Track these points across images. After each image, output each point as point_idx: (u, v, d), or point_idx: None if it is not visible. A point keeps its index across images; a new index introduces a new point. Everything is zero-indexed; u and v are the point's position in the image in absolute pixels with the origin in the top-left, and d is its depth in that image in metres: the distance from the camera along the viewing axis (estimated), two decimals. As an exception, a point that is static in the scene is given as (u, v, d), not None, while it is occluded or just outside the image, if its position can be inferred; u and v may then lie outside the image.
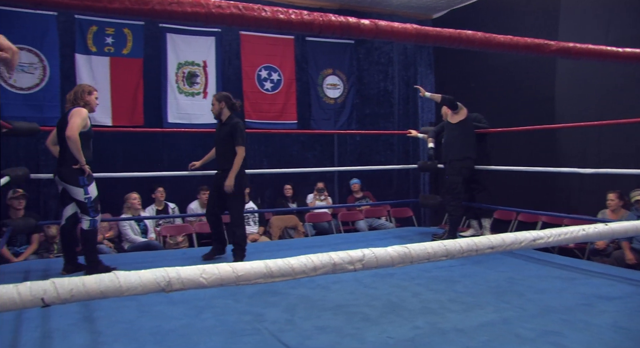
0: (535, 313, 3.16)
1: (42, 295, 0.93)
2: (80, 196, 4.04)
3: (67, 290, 0.95)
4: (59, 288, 0.94)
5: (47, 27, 6.29)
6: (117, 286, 0.98)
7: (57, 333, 2.87)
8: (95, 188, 4.13)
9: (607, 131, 5.63)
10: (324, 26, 1.12)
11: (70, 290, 0.95)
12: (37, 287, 0.94)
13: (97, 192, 4.15)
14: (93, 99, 4.20)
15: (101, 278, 0.99)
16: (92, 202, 4.08)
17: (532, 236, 1.49)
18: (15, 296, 0.91)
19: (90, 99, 4.17)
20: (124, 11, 0.96)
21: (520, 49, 1.39)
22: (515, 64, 6.81)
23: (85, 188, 4.04)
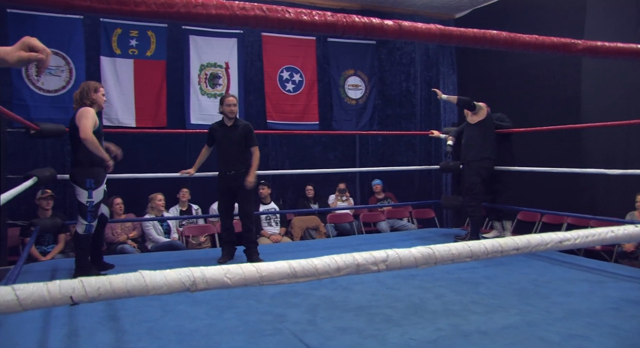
0: (560, 317, 3.10)
1: (70, 293, 0.95)
2: (83, 198, 3.98)
3: (94, 288, 0.97)
4: (87, 286, 0.96)
5: (74, 30, 6.42)
6: (143, 286, 1.00)
7: (83, 331, 2.92)
8: (100, 193, 4.05)
9: (635, 130, 5.50)
10: (348, 27, 1.12)
11: (97, 288, 0.97)
12: (66, 286, 0.96)
13: (102, 197, 4.10)
14: (100, 96, 4.09)
15: (128, 277, 1.01)
16: (93, 207, 3.99)
17: (559, 237, 1.46)
18: (45, 294, 0.93)
19: (97, 96, 4.06)
20: (150, 14, 0.97)
21: (547, 48, 1.36)
22: (540, 63, 6.71)
23: (90, 191, 3.97)
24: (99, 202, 4.04)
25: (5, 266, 4.30)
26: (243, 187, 4.67)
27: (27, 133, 4.38)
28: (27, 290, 0.93)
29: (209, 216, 6.57)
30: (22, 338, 2.80)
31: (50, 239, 5.49)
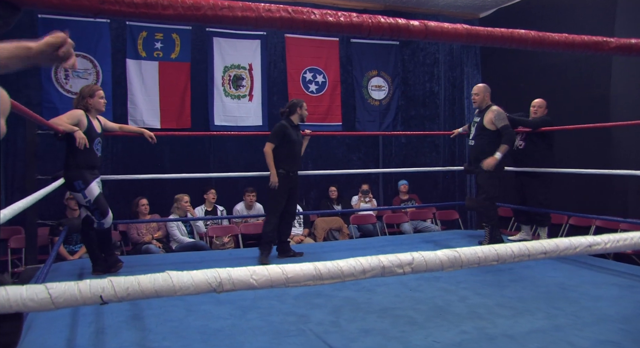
0: (590, 322, 3.04)
1: (100, 293, 0.96)
2: (82, 200, 4.01)
3: (123, 288, 0.98)
4: (116, 286, 0.98)
5: (101, 34, 6.55)
6: (170, 286, 1.01)
7: (109, 329, 2.96)
8: (94, 190, 4.01)
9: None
10: (374, 28, 1.11)
11: (126, 288, 0.98)
12: (96, 285, 0.97)
13: (100, 190, 4.07)
14: (96, 100, 4.10)
15: (155, 277, 1.02)
16: (93, 204, 3.98)
17: (588, 241, 1.43)
18: (76, 293, 0.95)
19: (93, 101, 4.08)
20: (177, 17, 0.98)
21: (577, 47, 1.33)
22: (567, 62, 6.59)
23: (82, 191, 3.96)
24: (98, 197, 4.01)
25: (35, 265, 4.39)
26: (297, 187, 4.90)
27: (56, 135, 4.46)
28: (60, 289, 0.95)
29: (233, 217, 6.63)
30: (51, 336, 2.86)
31: (78, 238, 5.59)
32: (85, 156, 4.00)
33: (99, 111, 4.17)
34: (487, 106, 4.97)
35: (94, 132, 4.07)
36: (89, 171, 4.01)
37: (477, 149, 4.99)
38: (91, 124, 4.06)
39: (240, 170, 6.45)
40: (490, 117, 4.86)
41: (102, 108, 4.16)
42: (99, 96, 4.11)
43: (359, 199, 7.44)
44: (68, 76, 6.40)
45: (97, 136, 4.10)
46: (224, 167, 6.92)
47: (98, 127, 4.15)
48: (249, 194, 6.65)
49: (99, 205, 4.00)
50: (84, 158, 3.98)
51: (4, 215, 2.07)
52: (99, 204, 4.00)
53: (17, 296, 0.92)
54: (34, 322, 2.99)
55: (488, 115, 4.88)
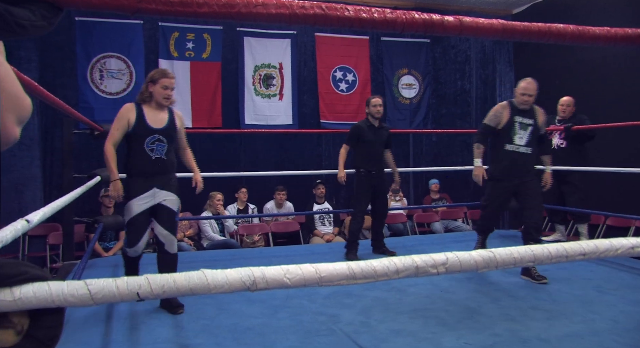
0: (629, 327, 2.94)
1: (137, 290, 0.98)
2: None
3: (159, 285, 0.99)
4: (152, 283, 0.99)
5: (134, 35, 6.67)
6: (204, 284, 1.01)
7: (143, 325, 3.02)
8: (135, 206, 3.18)
9: None
10: (407, 24, 1.10)
11: (162, 285, 0.99)
12: (133, 282, 0.99)
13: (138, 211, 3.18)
14: (158, 89, 3.22)
15: (190, 275, 1.03)
16: (126, 225, 3.25)
17: (630, 243, 1.38)
18: (114, 290, 0.97)
19: (155, 89, 3.23)
20: (212, 15, 0.99)
21: (619, 41, 1.28)
22: (604, 58, 6.41)
23: (125, 205, 3.25)
24: (133, 220, 3.19)
25: (72, 261, 4.50)
26: (383, 186, 4.97)
27: (92, 134, 4.56)
28: (98, 285, 0.97)
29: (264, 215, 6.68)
30: (88, 332, 2.92)
31: (112, 236, 5.71)
32: (135, 159, 3.21)
33: (159, 105, 3.26)
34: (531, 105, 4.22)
35: (146, 128, 3.18)
36: (140, 179, 3.19)
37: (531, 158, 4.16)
38: (142, 119, 3.19)
39: (270, 169, 6.49)
40: (543, 120, 4.19)
41: (162, 101, 3.24)
42: (162, 85, 3.21)
43: (390, 198, 7.39)
44: (103, 77, 6.54)
45: (152, 133, 3.19)
46: (254, 165, 6.96)
47: (157, 122, 3.22)
48: (279, 193, 6.68)
49: (129, 230, 3.23)
50: (134, 162, 3.21)
51: (44, 213, 2.13)
52: (129, 229, 3.23)
53: (58, 291, 0.95)
54: (70, 317, 3.07)
55: (540, 117, 4.18)
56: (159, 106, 3.26)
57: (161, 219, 3.25)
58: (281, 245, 6.24)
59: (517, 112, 4.12)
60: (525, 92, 4.07)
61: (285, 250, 5.64)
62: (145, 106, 3.25)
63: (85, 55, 6.49)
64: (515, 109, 4.12)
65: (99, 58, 6.53)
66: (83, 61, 6.49)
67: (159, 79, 3.22)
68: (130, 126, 3.19)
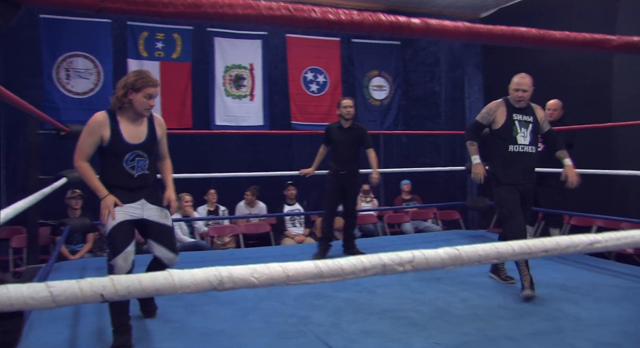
0: (591, 324, 3.03)
1: (101, 291, 0.96)
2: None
3: (124, 286, 0.98)
4: (117, 284, 0.97)
5: (102, 34, 6.56)
6: (171, 284, 1.00)
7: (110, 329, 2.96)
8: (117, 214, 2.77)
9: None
10: (374, 26, 1.11)
11: (127, 286, 0.98)
12: (97, 283, 0.97)
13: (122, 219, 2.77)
14: (139, 99, 2.76)
15: (156, 276, 1.02)
16: (107, 236, 2.79)
17: (589, 239, 1.42)
18: (77, 291, 0.95)
19: (135, 98, 2.75)
20: (177, 15, 0.98)
21: (579, 45, 1.33)
22: (568, 62, 6.58)
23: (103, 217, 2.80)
24: (114, 230, 2.75)
25: (36, 264, 4.40)
26: (353, 187, 5.00)
27: (58, 135, 4.46)
28: (60, 287, 0.95)
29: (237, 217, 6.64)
30: (53, 335, 2.86)
31: (79, 238, 5.60)
32: (114, 176, 2.82)
33: (138, 115, 2.82)
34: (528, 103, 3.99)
35: (123, 145, 2.78)
36: (120, 192, 2.81)
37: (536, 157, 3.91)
38: (118, 134, 2.77)
39: (241, 170, 6.45)
40: (542, 117, 3.95)
41: (143, 112, 2.81)
42: (146, 94, 2.76)
43: (360, 199, 7.43)
44: (69, 76, 6.41)
45: (130, 150, 2.80)
46: (225, 167, 6.92)
47: (135, 137, 2.82)
48: (247, 193, 6.70)
49: (111, 239, 2.77)
50: (111, 176, 2.83)
51: (6, 215, 2.07)
52: (111, 239, 2.76)
53: (18, 294, 0.92)
54: (35, 322, 2.99)
55: (539, 113, 3.96)
56: (137, 116, 2.82)
57: (157, 237, 2.92)
58: (252, 246, 6.21)
59: (514, 110, 3.86)
60: (519, 87, 3.85)
61: (256, 252, 5.62)
62: (121, 116, 2.80)
63: (50, 54, 6.34)
64: (512, 107, 3.86)
65: (65, 57, 6.39)
66: (48, 60, 6.34)
67: (142, 87, 2.73)
68: (105, 141, 2.75)
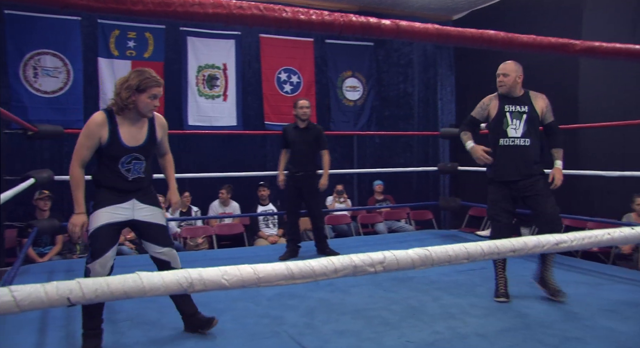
0: (558, 319, 3.10)
1: (68, 295, 0.94)
2: None
3: (92, 290, 0.96)
4: (84, 288, 0.96)
5: (71, 31, 6.42)
6: (140, 287, 0.99)
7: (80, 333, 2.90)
8: (102, 217, 2.66)
9: (632, 131, 5.51)
10: (345, 26, 1.11)
11: (95, 290, 0.96)
12: (63, 287, 0.95)
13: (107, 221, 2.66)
14: (144, 100, 2.65)
15: (125, 278, 1.00)
16: (89, 237, 2.69)
17: (555, 239, 1.46)
18: (42, 296, 0.93)
19: (139, 100, 2.65)
20: (146, 13, 0.97)
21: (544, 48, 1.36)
22: (538, 64, 6.70)
23: (89, 216, 2.72)
24: (97, 232, 2.65)
25: (2, 267, 4.29)
26: (310, 187, 4.90)
27: (25, 134, 4.36)
28: (24, 291, 0.92)
29: (210, 217, 6.59)
30: (20, 341, 2.79)
31: (48, 240, 5.47)
32: (108, 177, 2.72)
33: (142, 116, 2.73)
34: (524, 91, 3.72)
35: (120, 147, 2.68)
36: (110, 193, 2.72)
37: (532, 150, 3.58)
38: (116, 137, 2.67)
39: (214, 170, 6.40)
40: (542, 107, 3.62)
41: (148, 114, 2.73)
42: (151, 94, 2.66)
43: (334, 200, 7.46)
44: (37, 74, 6.26)
45: (127, 153, 2.70)
46: (198, 167, 6.86)
47: (134, 139, 2.72)
48: (221, 191, 6.67)
49: (92, 242, 2.66)
50: (105, 176, 2.72)
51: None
52: (93, 240, 2.66)
53: (-21, 299, 0.90)
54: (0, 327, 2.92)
55: (539, 102, 3.63)
56: (139, 117, 2.73)
57: (153, 237, 2.81)
58: (225, 247, 6.17)
59: (507, 101, 3.60)
60: (499, 71, 3.64)
61: (230, 252, 5.58)
62: (120, 117, 2.69)
63: (17, 51, 6.18)
64: (505, 98, 3.61)
65: (33, 55, 6.24)
66: (14, 58, 6.17)
67: (147, 87, 2.63)
68: (102, 143, 2.66)
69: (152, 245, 2.81)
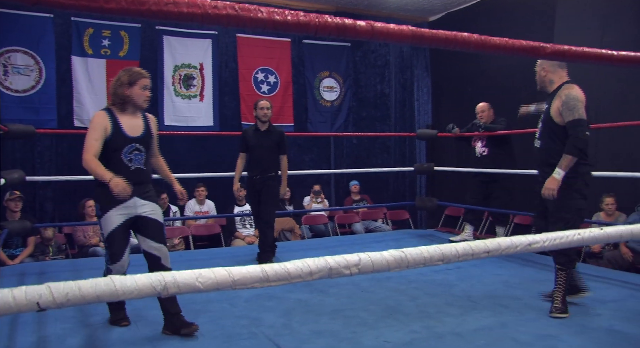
0: (532, 317, 3.15)
1: (37, 299, 0.92)
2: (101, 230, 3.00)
3: (62, 294, 0.94)
4: (54, 292, 0.93)
5: (44, 29, 6.28)
6: (113, 290, 0.97)
7: (53, 337, 2.85)
8: (113, 219, 2.86)
9: (602, 133, 5.64)
10: (320, 27, 1.11)
11: (66, 294, 0.94)
12: (32, 291, 0.93)
13: (118, 224, 2.87)
14: (137, 91, 2.92)
15: (97, 282, 0.98)
16: (106, 240, 2.91)
17: (528, 240, 1.49)
18: (10, 301, 0.90)
19: (132, 92, 2.91)
20: (120, 11, 0.95)
21: (516, 51, 1.39)
22: (512, 67, 6.81)
23: (99, 219, 2.94)
24: (113, 234, 2.87)
25: (-30, 271, 4.18)
26: (268, 192, 4.68)
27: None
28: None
29: (189, 218, 6.53)
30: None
31: (19, 242, 5.35)
32: (110, 167, 2.81)
33: (138, 107, 2.98)
34: (557, 86, 3.37)
35: (122, 137, 2.90)
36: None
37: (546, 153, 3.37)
38: (119, 127, 2.90)
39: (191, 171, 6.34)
40: (558, 105, 3.27)
41: (143, 104, 2.97)
42: (142, 86, 2.94)
43: (311, 200, 7.46)
44: (7, 72, 6.11)
45: (129, 143, 2.91)
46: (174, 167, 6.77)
47: (133, 130, 2.95)
48: (198, 190, 6.61)
49: (110, 244, 2.89)
50: (109, 170, 2.79)
51: None
52: (110, 243, 2.89)
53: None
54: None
55: (556, 101, 3.30)
56: (134, 111, 2.97)
57: (150, 233, 2.94)
58: (202, 248, 6.12)
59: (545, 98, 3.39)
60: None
61: (206, 253, 5.54)
62: (119, 112, 2.93)
63: (-14, 49, 6.04)
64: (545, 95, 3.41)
65: (3, 52, 6.08)
66: (-16, 56, 6.03)
67: (137, 80, 2.92)
68: (107, 134, 2.85)
69: (148, 240, 2.94)
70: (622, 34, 5.54)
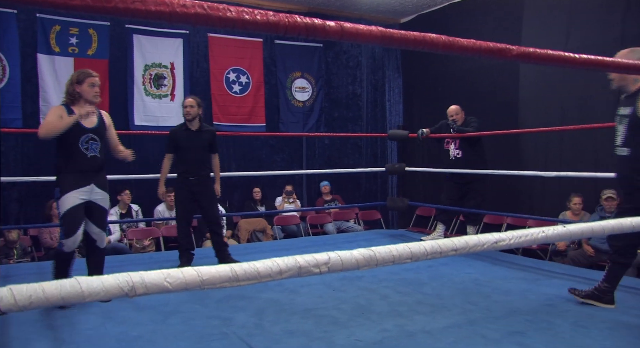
0: (500, 315, 3.21)
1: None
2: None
3: (25, 296, 0.92)
4: (16, 295, 0.91)
5: (7, 25, 6.12)
6: (78, 292, 0.95)
7: (16, 342, 2.78)
8: (70, 199, 3.30)
9: (568, 135, 5.79)
10: (290, 27, 1.11)
11: (29, 296, 0.92)
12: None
13: (75, 204, 3.31)
14: (85, 88, 3.37)
15: (62, 283, 0.96)
16: (61, 218, 3.33)
17: (495, 238, 1.52)
18: (-32, 304, 0.88)
19: (82, 89, 3.37)
20: (85, 8, 0.93)
21: (483, 53, 1.41)
22: (481, 69, 6.94)
23: (57, 200, 3.35)
24: (68, 213, 3.29)
25: None
26: (206, 192, 4.54)
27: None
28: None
29: (154, 219, 6.42)
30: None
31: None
32: (70, 157, 3.35)
33: (89, 102, 3.40)
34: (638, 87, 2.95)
35: (79, 128, 3.34)
36: (74, 176, 3.34)
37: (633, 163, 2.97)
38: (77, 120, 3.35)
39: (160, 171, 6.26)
40: None
41: (93, 99, 3.40)
42: (89, 83, 3.38)
43: (283, 200, 7.45)
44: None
45: (85, 133, 3.36)
46: (144, 167, 6.68)
47: (89, 122, 3.40)
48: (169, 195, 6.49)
49: (65, 222, 3.31)
50: (69, 161, 3.34)
51: None
52: (65, 220, 3.31)
53: None
54: None
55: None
56: (88, 105, 3.41)
57: (95, 218, 3.46)
58: (173, 249, 6.04)
59: (621, 101, 3.01)
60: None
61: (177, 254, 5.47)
62: (74, 106, 3.38)
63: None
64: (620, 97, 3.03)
65: (-36, 50, 5.92)
66: (-55, 53, 5.85)
67: (84, 79, 3.38)
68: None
69: (93, 225, 3.48)
70: (586, 37, 5.69)
